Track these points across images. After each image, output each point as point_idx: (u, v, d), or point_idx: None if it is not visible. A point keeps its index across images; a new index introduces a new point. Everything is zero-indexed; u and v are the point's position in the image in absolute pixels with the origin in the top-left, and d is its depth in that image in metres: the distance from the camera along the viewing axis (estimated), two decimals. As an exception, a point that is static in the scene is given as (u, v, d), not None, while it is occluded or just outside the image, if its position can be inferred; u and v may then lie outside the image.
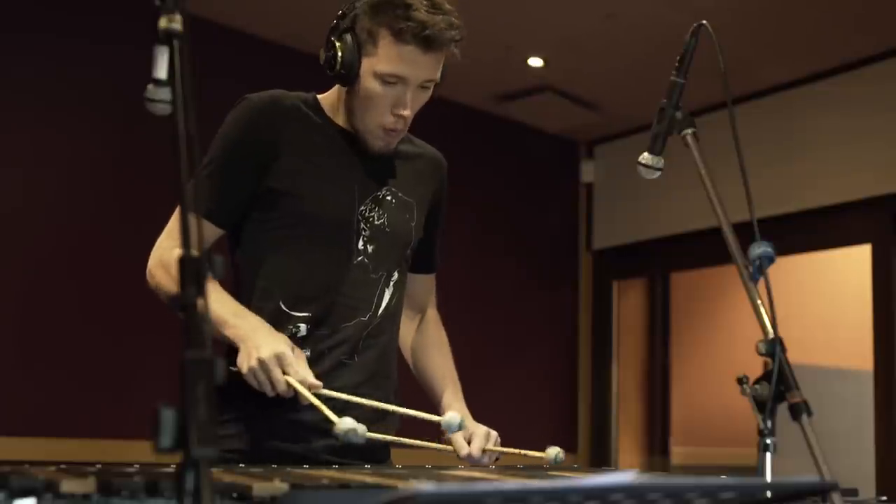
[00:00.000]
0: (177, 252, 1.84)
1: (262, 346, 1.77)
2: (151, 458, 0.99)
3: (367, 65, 1.88)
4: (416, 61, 1.86)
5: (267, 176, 1.92)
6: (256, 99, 1.96)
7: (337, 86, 2.00)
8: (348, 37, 1.88)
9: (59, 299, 4.03)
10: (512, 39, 4.73)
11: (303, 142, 1.96)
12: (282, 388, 1.76)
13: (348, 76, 1.90)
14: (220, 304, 1.82)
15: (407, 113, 1.91)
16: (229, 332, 1.81)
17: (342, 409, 1.80)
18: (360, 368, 1.95)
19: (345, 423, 1.68)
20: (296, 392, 1.77)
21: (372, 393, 1.94)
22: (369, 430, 1.76)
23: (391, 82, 1.88)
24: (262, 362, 1.75)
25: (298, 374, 1.77)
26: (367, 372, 1.96)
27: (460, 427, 1.82)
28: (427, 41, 1.84)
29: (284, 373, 1.76)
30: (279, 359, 1.76)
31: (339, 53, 1.88)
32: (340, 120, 2.00)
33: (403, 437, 1.91)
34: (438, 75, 1.93)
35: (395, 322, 2.06)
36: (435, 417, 1.90)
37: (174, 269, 1.81)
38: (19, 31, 4.04)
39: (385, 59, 1.86)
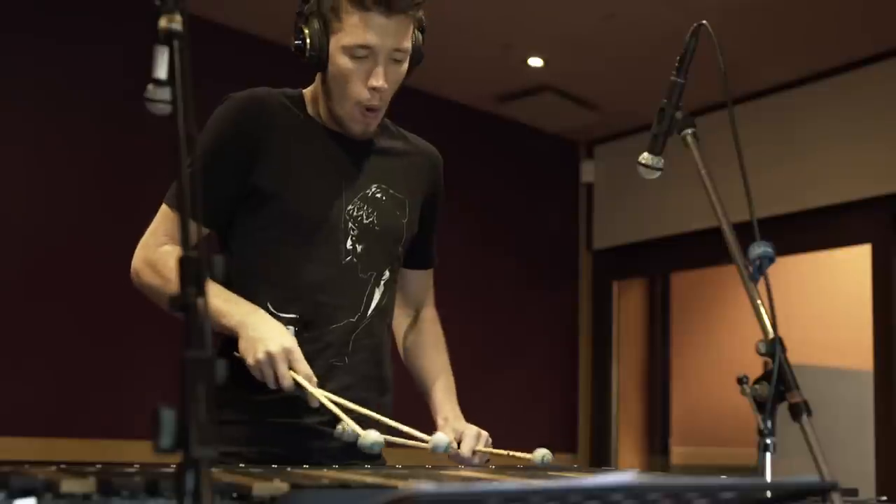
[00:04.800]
0: (166, 248, 1.85)
1: (270, 338, 1.76)
2: (151, 458, 0.98)
3: (335, 42, 1.87)
4: (381, 27, 1.84)
5: (252, 175, 1.90)
6: (240, 97, 1.94)
7: (317, 77, 1.98)
8: (314, 19, 1.88)
9: (58, 298, 4.03)
10: (512, 39, 4.73)
11: (288, 140, 1.94)
12: (287, 383, 1.75)
13: (319, 58, 1.88)
14: (212, 295, 1.79)
15: (380, 84, 1.87)
16: (226, 322, 1.79)
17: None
18: (351, 370, 1.93)
19: (370, 436, 1.70)
20: (298, 389, 1.76)
21: (364, 395, 1.93)
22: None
23: (361, 56, 1.86)
24: (270, 356, 1.74)
25: (305, 371, 1.77)
26: (359, 373, 1.94)
27: (446, 450, 1.77)
28: (388, 4, 1.82)
29: (291, 368, 1.76)
30: (287, 353, 1.75)
31: (307, 37, 1.88)
32: (325, 116, 1.98)
33: (395, 436, 1.90)
34: (408, 45, 1.89)
35: (387, 322, 2.04)
36: (423, 438, 1.82)
37: (161, 266, 1.82)
38: (4, 31, 4.04)
39: (350, 30, 1.84)
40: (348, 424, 1.76)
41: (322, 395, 1.77)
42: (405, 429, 1.82)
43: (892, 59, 4.74)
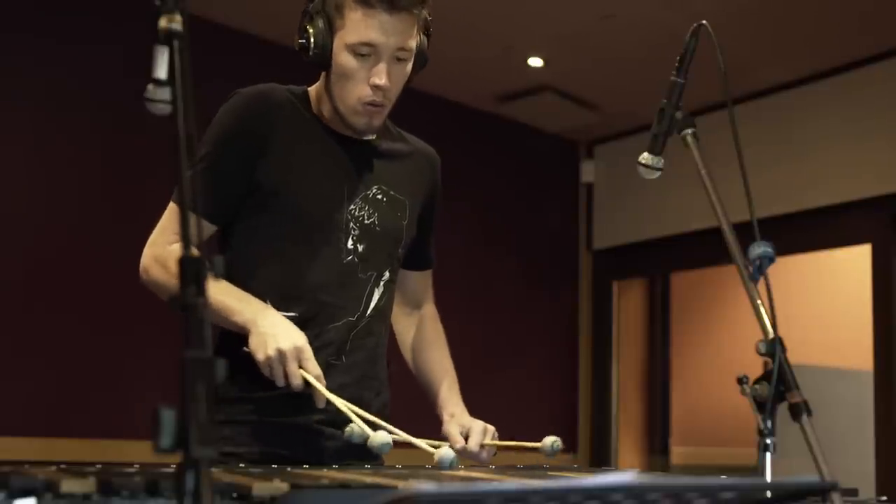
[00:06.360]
0: (175, 247, 1.86)
1: (281, 336, 1.77)
2: (151, 458, 0.98)
3: (339, 40, 1.87)
4: (384, 26, 1.84)
5: (257, 171, 1.91)
6: (246, 93, 1.95)
7: (321, 77, 1.98)
8: (319, 18, 1.88)
9: (58, 298, 4.03)
10: (512, 39, 4.73)
11: (293, 138, 1.94)
12: (297, 382, 1.75)
13: (323, 56, 1.88)
14: (222, 293, 1.81)
15: (383, 82, 1.87)
16: (237, 319, 1.80)
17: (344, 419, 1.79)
18: (347, 369, 1.93)
19: (379, 437, 1.70)
20: (308, 388, 1.76)
21: (360, 394, 1.93)
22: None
23: (363, 53, 1.86)
24: (281, 353, 1.75)
25: (316, 370, 1.77)
26: (356, 373, 1.94)
27: (451, 465, 1.71)
28: (391, 2, 1.82)
29: (301, 366, 1.76)
30: (298, 352, 1.76)
31: (311, 36, 1.88)
32: (328, 115, 1.98)
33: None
34: (412, 44, 1.90)
35: (385, 322, 2.04)
36: (429, 449, 1.78)
37: (171, 263, 1.83)
38: (4, 31, 4.04)
39: (353, 28, 1.85)
40: (357, 425, 1.76)
41: (332, 396, 1.77)
42: (411, 439, 1.81)
43: (892, 58, 4.74)
